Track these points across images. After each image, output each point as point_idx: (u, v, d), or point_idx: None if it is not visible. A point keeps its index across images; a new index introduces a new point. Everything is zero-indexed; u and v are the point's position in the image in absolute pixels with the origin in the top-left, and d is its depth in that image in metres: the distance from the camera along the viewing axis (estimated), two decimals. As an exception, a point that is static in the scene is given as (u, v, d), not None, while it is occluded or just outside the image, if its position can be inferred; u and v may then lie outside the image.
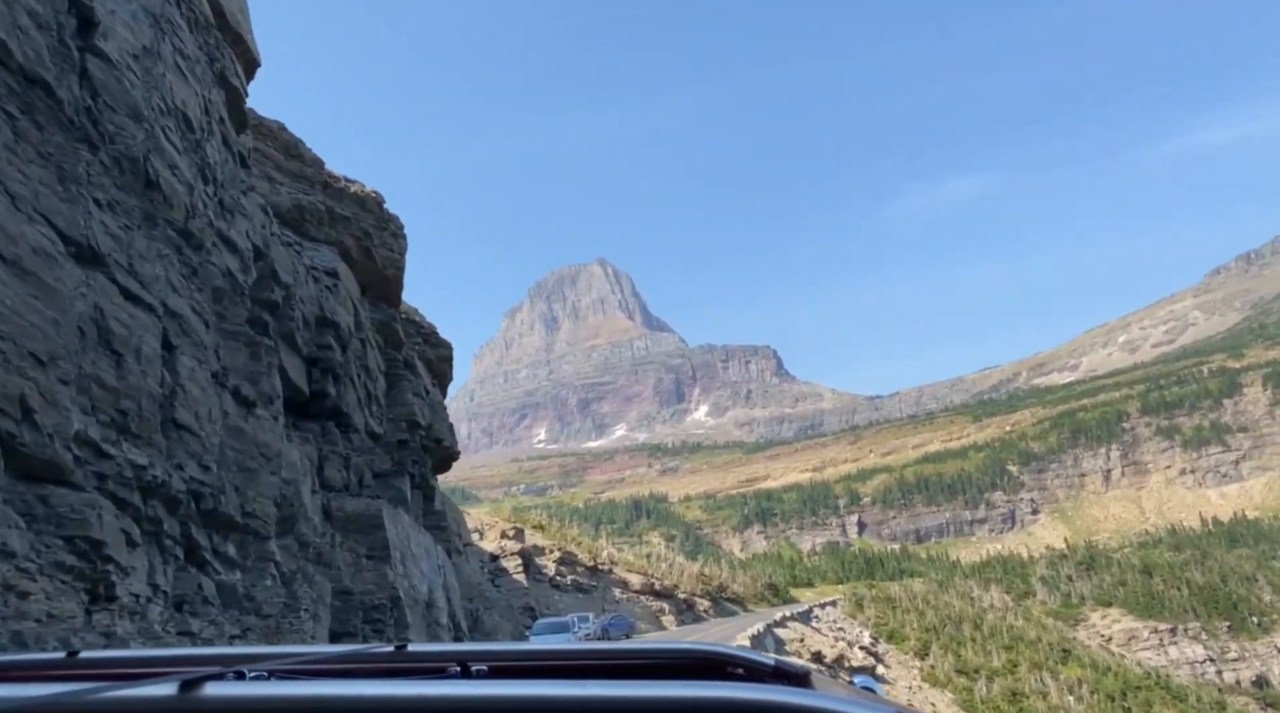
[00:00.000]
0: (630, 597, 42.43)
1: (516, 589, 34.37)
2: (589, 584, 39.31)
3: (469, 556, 32.33)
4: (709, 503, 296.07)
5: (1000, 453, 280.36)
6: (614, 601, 39.79)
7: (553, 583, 37.95)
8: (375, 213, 22.95)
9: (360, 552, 14.88)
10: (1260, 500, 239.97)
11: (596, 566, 42.68)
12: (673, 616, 45.76)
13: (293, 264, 15.70)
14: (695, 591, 55.65)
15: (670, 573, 56.68)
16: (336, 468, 17.38)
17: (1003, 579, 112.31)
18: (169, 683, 1.30)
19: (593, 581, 40.43)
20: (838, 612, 66.38)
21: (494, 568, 35.70)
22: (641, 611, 41.74)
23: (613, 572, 44.27)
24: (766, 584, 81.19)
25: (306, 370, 16.96)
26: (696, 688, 1.33)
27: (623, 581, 43.97)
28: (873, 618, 65.37)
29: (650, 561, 56.48)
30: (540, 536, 42.55)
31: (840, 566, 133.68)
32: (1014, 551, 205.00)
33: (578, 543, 45.57)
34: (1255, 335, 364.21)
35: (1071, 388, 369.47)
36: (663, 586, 47.47)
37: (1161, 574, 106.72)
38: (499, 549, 37.09)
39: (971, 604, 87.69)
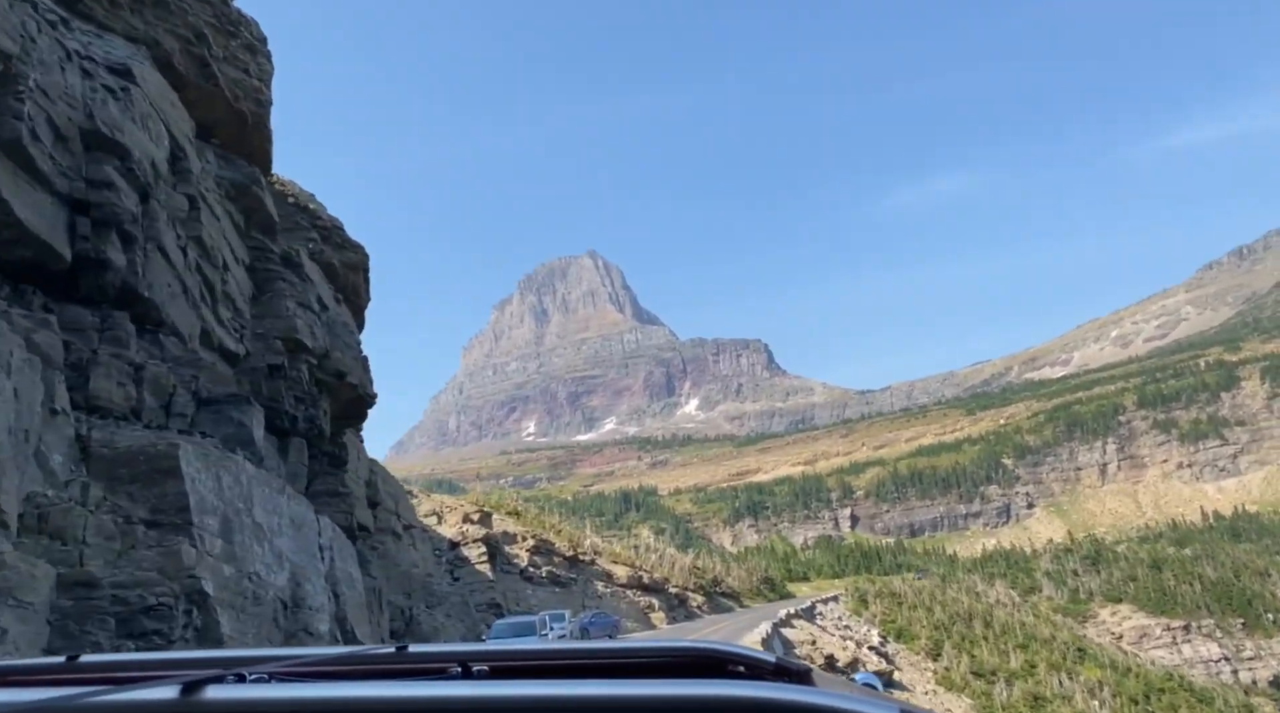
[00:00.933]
0: (615, 591, 37.37)
1: (479, 583, 29.18)
2: (567, 577, 34.13)
3: (415, 541, 27.22)
4: (699, 496, 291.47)
5: (995, 446, 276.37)
6: (596, 595, 34.73)
7: (524, 575, 32.73)
8: (217, 6, 16.31)
9: (135, 515, 9.78)
10: (1259, 495, 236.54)
11: (577, 556, 37.50)
12: (663, 612, 40.75)
13: (39, 40, 10.27)
14: (688, 584, 50.67)
15: (660, 565, 51.67)
16: (116, 380, 11.62)
17: (1007, 574, 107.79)
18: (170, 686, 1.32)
19: (572, 573, 35.32)
20: (841, 608, 61.47)
21: (453, 558, 30.52)
22: (628, 607, 36.72)
23: (595, 563, 39.18)
24: (762, 578, 76.29)
25: (67, 218, 11.15)
26: (698, 687, 1.34)
27: (607, 573, 38.88)
28: (879, 615, 60.47)
29: (639, 552, 51.40)
30: (513, 522, 37.29)
31: (836, 559, 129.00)
32: (1011, 545, 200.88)
33: (556, 531, 40.43)
34: (1250, 329, 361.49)
35: (1066, 381, 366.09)
36: (652, 579, 42.40)
37: (1172, 570, 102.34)
38: (459, 535, 31.79)
39: (977, 600, 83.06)
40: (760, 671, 1.90)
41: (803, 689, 1.31)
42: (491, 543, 31.68)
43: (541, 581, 32.44)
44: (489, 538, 31.82)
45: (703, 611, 51.48)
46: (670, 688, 1.31)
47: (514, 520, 37.31)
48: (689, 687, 1.30)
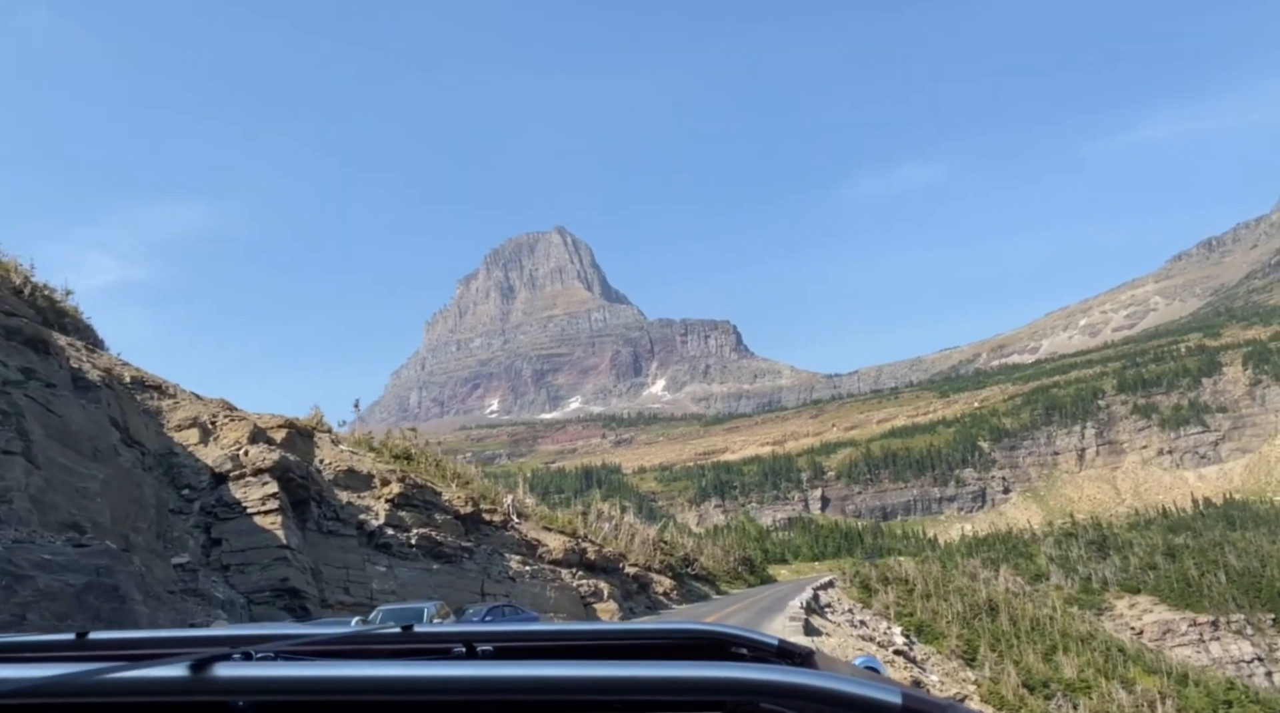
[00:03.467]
0: (542, 570, 24.41)
1: (256, 546, 16.23)
2: (457, 547, 20.90)
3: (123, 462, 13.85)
4: (664, 475, 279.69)
5: (971, 429, 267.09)
6: (506, 577, 21.80)
7: (377, 541, 19.60)
8: None
9: None
10: (1241, 483, 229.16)
11: (480, 516, 24.25)
12: (614, 601, 27.83)
13: None
14: (651, 563, 37.85)
15: (616, 538, 38.66)
16: None
17: (1007, 558, 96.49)
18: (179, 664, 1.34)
19: (468, 541, 22.21)
20: (841, 596, 48.94)
21: (214, 500, 17.36)
22: (560, 595, 23.80)
23: (515, 529, 26.17)
24: (740, 559, 63.69)
25: None
26: (702, 668, 1.34)
27: (531, 544, 25.85)
28: (891, 606, 48.03)
29: (585, 520, 38.33)
30: (374, 461, 23.99)
31: (814, 541, 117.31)
32: (991, 528, 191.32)
33: (458, 479, 27.30)
34: (1224, 318, 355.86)
35: (1041, 365, 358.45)
36: (601, 555, 29.41)
37: (1192, 558, 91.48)
38: (232, 460, 18.39)
39: (984, 587, 71.31)
40: (763, 653, 1.89)
41: (805, 672, 1.34)
42: (292, 477, 18.30)
43: (407, 551, 19.23)
44: (284, 467, 18.36)
45: (670, 598, 38.53)
46: (674, 670, 1.33)
47: (380, 461, 24.05)
48: (693, 669, 1.33)
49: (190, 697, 1.35)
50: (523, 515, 28.99)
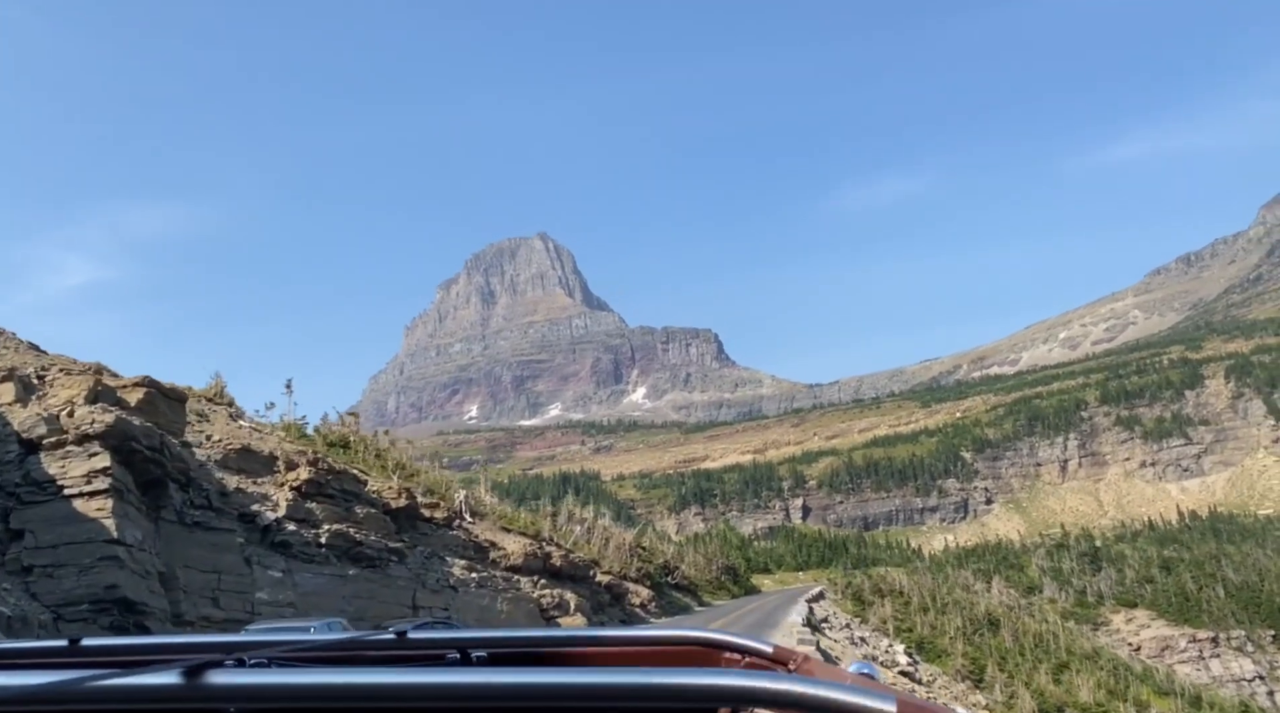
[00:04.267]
0: (494, 579, 20.28)
1: (76, 543, 11.92)
2: (382, 548, 16.63)
3: None
4: (644, 482, 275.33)
5: (953, 439, 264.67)
6: (446, 584, 17.62)
7: (273, 538, 15.25)
8: None
9: None
10: (1223, 497, 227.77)
11: (417, 511, 19.95)
12: (583, 615, 23.74)
13: None
14: (627, 571, 33.78)
15: (589, 543, 34.54)
16: None
17: (998, 570, 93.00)
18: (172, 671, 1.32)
19: (399, 541, 17.99)
20: (836, 609, 45.01)
21: (20, 476, 12.99)
22: (514, 608, 19.68)
23: (464, 529, 22.03)
24: (723, 568, 59.64)
25: None
26: (696, 675, 1.33)
27: (483, 546, 21.72)
28: (890, 620, 44.11)
29: (554, 522, 34.19)
30: (281, 440, 19.45)
31: (798, 550, 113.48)
32: (973, 539, 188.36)
33: (401, 470, 23.06)
34: (1205, 331, 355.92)
35: (1024, 376, 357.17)
36: (568, 560, 25.32)
37: (1189, 571, 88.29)
38: (42, 421, 13.54)
39: (981, 600, 67.67)
40: (758, 658, 1.87)
41: (799, 679, 1.32)
42: (138, 448, 13.61)
43: (313, 552, 14.93)
44: (129, 436, 13.63)
45: (648, 610, 34.36)
46: (667, 677, 1.32)
47: (289, 441, 19.59)
48: (686, 675, 1.32)
49: (183, 704, 1.33)
50: (478, 514, 24.90)
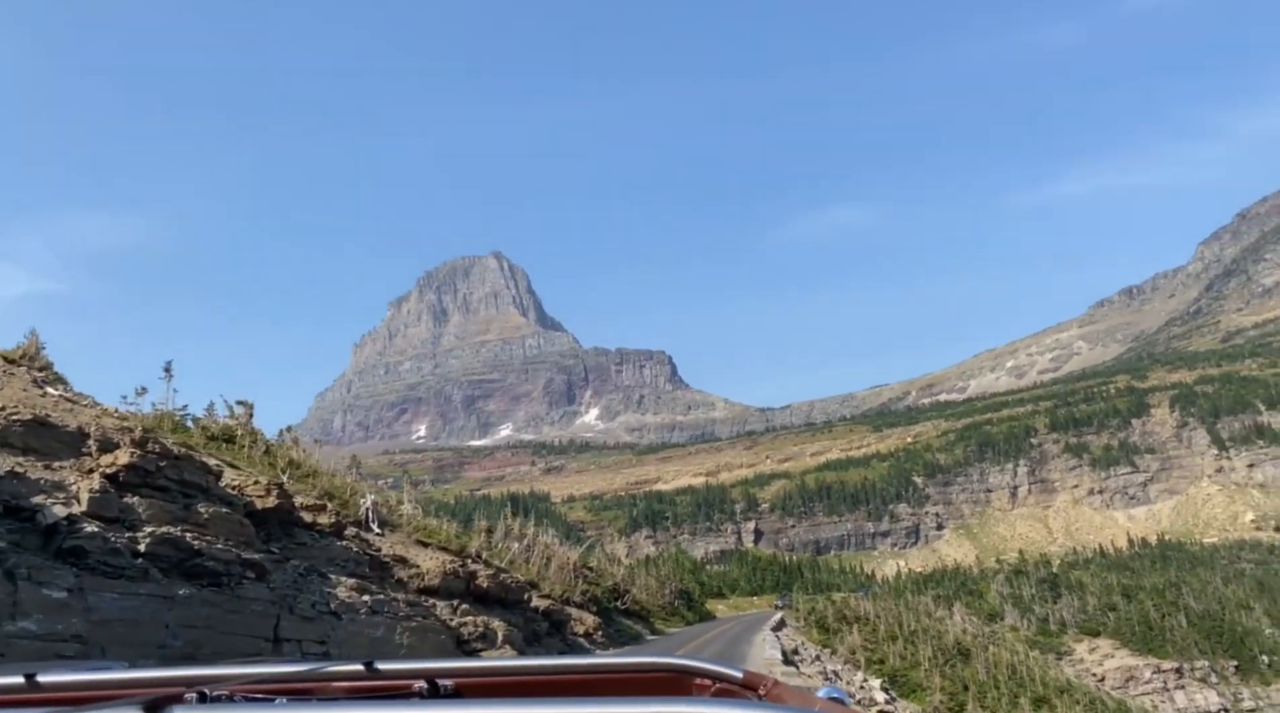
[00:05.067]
0: (397, 602, 15.91)
1: None
2: (242, 562, 12.05)
3: None
4: (594, 504, 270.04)
5: (905, 464, 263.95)
6: (326, 610, 13.23)
7: (60, 543, 10.72)
8: None
9: None
10: (1169, 525, 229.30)
11: (297, 514, 15.57)
12: (512, 647, 19.50)
13: None
14: (571, 594, 29.58)
15: (527, 562, 30.21)
16: None
17: (958, 596, 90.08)
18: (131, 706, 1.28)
19: (271, 552, 13.46)
20: (802, 639, 41.10)
21: None
22: (419, 639, 15.35)
23: (360, 539, 17.66)
24: (677, 591, 55.52)
25: None
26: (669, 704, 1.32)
27: (385, 562, 17.39)
28: (859, 650, 40.32)
29: (489, 538, 29.85)
30: (100, 415, 14.65)
31: (752, 574, 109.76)
32: (925, 565, 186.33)
33: (293, 469, 18.59)
34: (1148, 361, 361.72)
35: (973, 403, 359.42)
36: (498, 582, 21.03)
37: (1151, 599, 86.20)
38: None
39: (948, 627, 64.42)
40: (728, 684, 1.89)
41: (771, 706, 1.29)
42: None
43: (125, 564, 9.63)
44: None
45: (594, 640, 30.07)
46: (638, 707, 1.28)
47: (110, 416, 14.79)
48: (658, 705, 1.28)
49: None
50: (389, 524, 20.63)
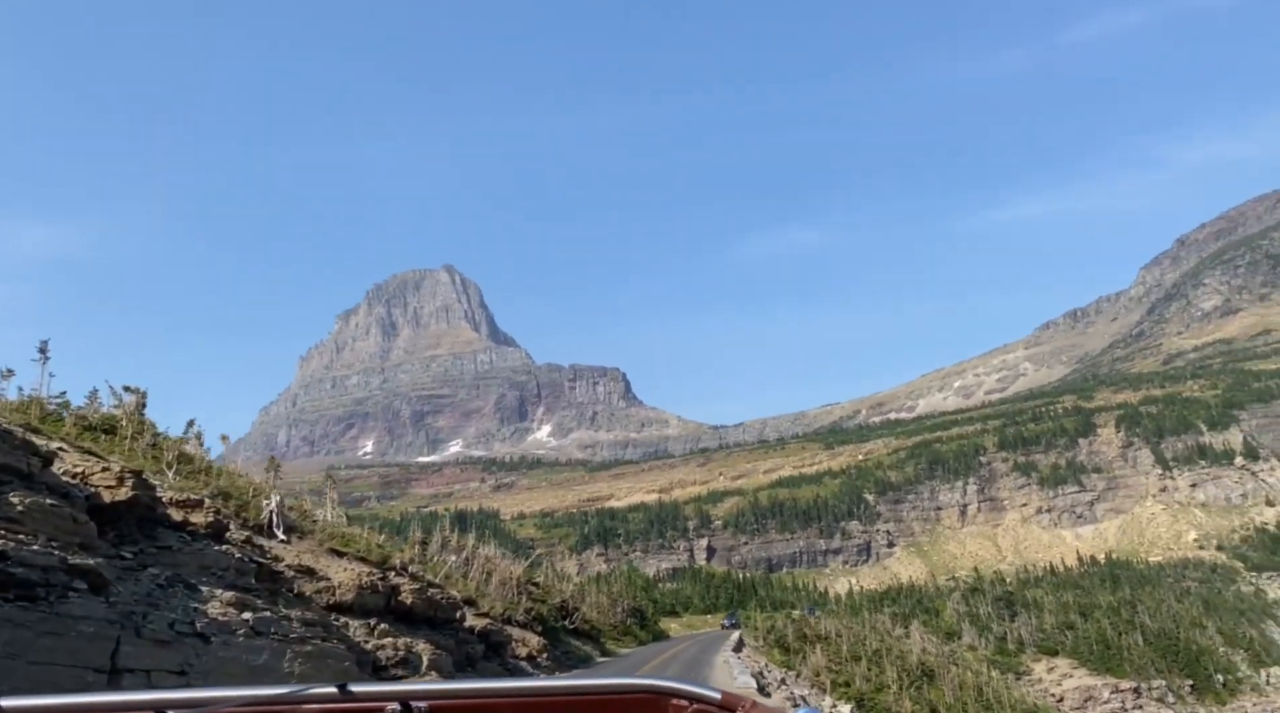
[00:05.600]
0: (290, 621, 13.01)
1: None
2: (74, 570, 9.23)
3: None
4: (545, 521, 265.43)
5: (856, 481, 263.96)
6: (190, 631, 10.35)
7: None
8: None
9: None
10: (1115, 544, 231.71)
11: (161, 511, 12.59)
12: (438, 675, 16.62)
13: None
14: (514, 612, 26.66)
15: (465, 577, 27.18)
16: None
17: (915, 614, 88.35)
18: None
19: (122, 558, 10.65)
20: (764, 660, 38.47)
21: None
22: (316, 666, 12.50)
23: (251, 545, 14.68)
24: (630, 609, 52.62)
25: None
26: None
27: (281, 573, 14.36)
28: (824, 672, 37.79)
29: (424, 550, 26.78)
30: None
31: (706, 591, 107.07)
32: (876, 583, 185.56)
33: (182, 465, 15.58)
34: (1093, 382, 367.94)
35: (923, 421, 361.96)
36: (426, 597, 18.08)
37: (1108, 618, 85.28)
38: None
39: (910, 647, 62.35)
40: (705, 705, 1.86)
41: None
42: None
43: None
44: None
45: (538, 663, 27.07)
46: None
47: None
48: None
49: None
50: (296, 530, 17.66)
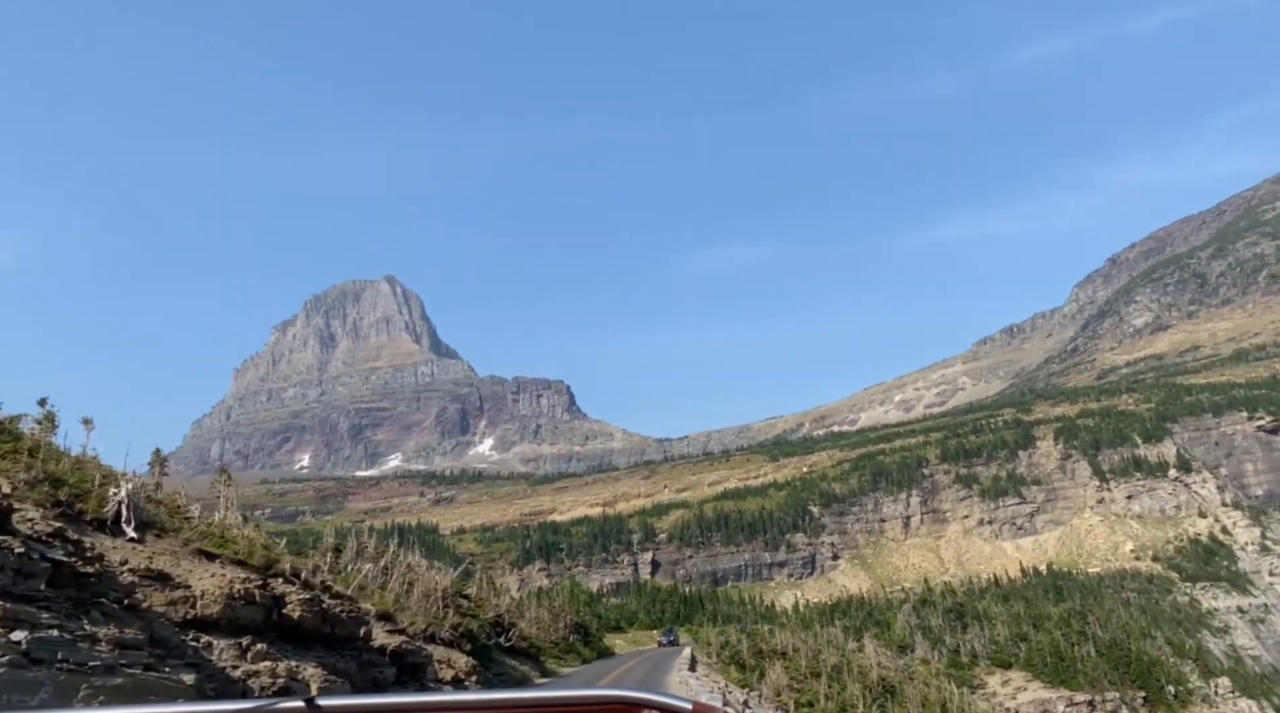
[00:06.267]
0: (95, 642, 9.47)
1: None
2: None
3: None
4: (486, 536, 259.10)
5: (801, 493, 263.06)
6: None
7: None
8: None
9: None
10: (1054, 554, 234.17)
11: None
12: None
13: None
14: (438, 629, 23.07)
15: (383, 588, 23.48)
16: None
17: (866, 626, 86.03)
18: None
19: None
20: (720, 678, 35.19)
21: None
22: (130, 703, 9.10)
23: (96, 540, 11.22)
24: (573, 625, 48.97)
25: None
26: None
27: (116, 577, 10.94)
28: (785, 691, 34.67)
29: (334, 557, 23.00)
30: None
31: (651, 606, 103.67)
32: (821, 596, 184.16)
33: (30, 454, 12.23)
34: (1031, 396, 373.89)
35: (866, 434, 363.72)
36: (318, 611, 14.58)
37: (1060, 629, 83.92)
38: None
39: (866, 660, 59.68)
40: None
41: None
42: None
43: None
44: None
45: (468, 686, 23.14)
46: None
47: None
48: None
49: None
50: (154, 526, 14.03)
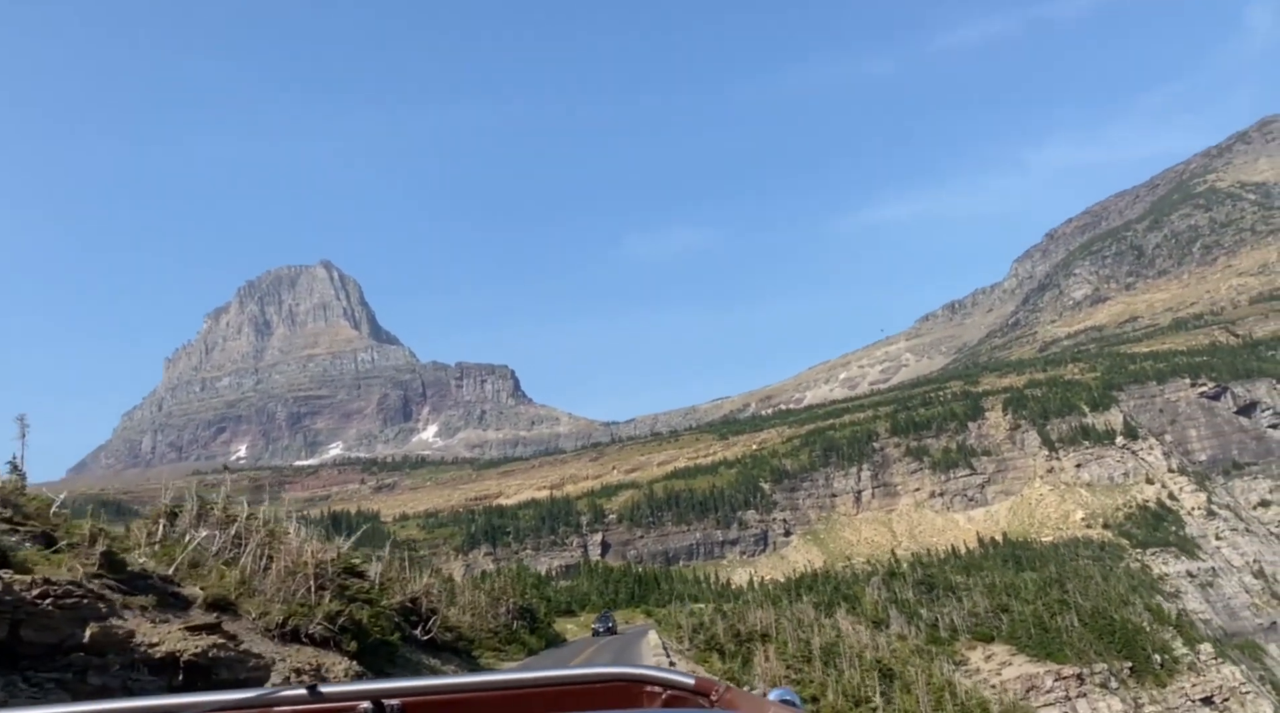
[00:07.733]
0: None
1: None
2: None
3: None
4: (429, 522, 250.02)
5: (752, 470, 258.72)
6: None
7: None
8: None
9: None
10: (1006, 525, 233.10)
11: None
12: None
13: None
14: (304, 622, 15.85)
15: (229, 564, 16.04)
16: None
17: (835, 602, 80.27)
18: None
19: None
20: (697, 668, 28.36)
21: None
22: None
23: None
24: (516, 610, 41.69)
25: None
26: None
27: None
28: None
29: (165, 522, 15.64)
30: None
31: (604, 587, 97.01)
32: (774, 572, 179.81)
33: None
34: (976, 370, 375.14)
35: (815, 410, 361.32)
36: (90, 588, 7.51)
37: (1040, 599, 79.08)
38: None
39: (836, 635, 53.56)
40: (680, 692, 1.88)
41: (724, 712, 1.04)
42: None
43: None
44: None
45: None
46: None
47: None
48: None
49: None
50: None
